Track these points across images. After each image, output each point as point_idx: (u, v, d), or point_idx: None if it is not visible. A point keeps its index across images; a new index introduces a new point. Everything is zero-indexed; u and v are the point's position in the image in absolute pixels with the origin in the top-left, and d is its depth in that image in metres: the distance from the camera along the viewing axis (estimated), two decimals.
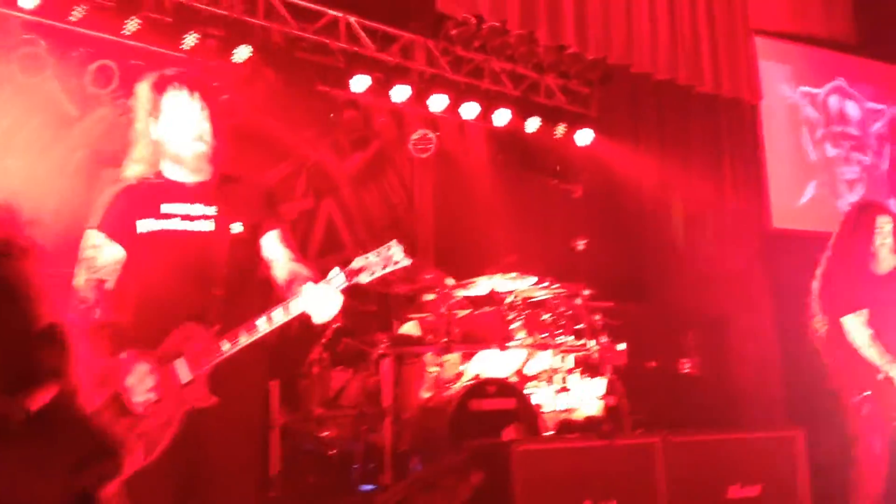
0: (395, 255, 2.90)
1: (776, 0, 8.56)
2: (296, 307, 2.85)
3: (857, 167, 8.62)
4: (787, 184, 8.10)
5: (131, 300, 2.96)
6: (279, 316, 2.86)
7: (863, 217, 4.60)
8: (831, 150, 8.49)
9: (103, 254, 2.96)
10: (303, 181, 7.53)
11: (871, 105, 8.90)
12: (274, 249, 3.08)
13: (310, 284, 2.85)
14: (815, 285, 4.67)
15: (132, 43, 6.33)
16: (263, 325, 2.86)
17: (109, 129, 6.53)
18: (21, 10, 5.89)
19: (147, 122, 3.03)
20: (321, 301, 2.84)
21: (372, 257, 2.89)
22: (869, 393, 4.38)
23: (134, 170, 3.06)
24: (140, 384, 2.77)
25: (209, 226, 2.97)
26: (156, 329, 2.87)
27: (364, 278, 2.91)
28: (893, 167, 8.90)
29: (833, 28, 8.89)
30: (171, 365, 2.83)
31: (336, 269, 2.89)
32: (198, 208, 2.99)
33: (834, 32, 8.87)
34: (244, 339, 2.85)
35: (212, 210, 2.99)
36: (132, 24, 6.23)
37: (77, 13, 6.05)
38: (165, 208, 2.97)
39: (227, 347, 2.84)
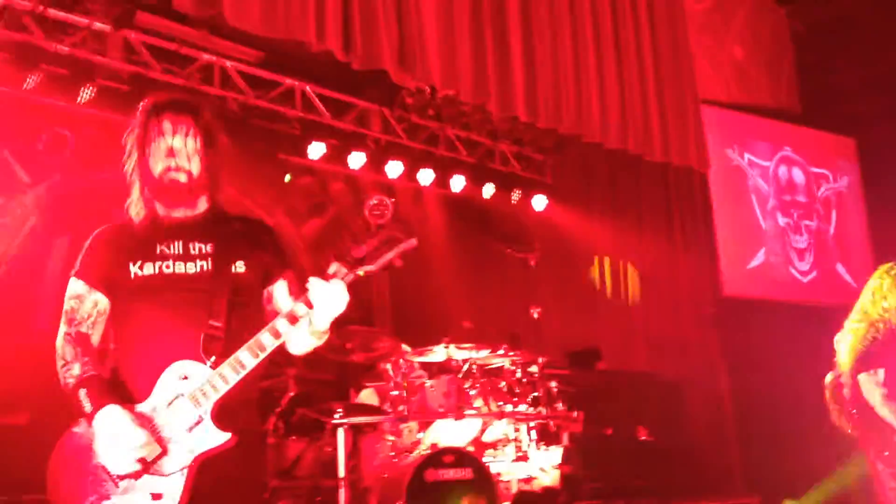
0: (397, 236, 2.72)
1: (723, 71, 8.80)
2: (303, 308, 2.60)
3: (807, 234, 8.80)
4: (736, 249, 8.24)
5: (118, 351, 2.73)
6: (283, 325, 2.62)
7: (876, 276, 4.59)
8: (781, 220, 8.67)
9: (85, 304, 2.73)
10: None
11: (816, 170, 9.13)
12: (282, 301, 2.81)
13: (315, 280, 2.61)
14: (842, 348, 4.62)
15: (87, 110, 6.32)
16: (270, 342, 2.62)
17: (62, 196, 6.47)
18: None
19: (134, 156, 2.80)
20: (328, 298, 2.60)
21: (373, 242, 2.68)
22: (888, 454, 4.31)
23: (133, 211, 2.83)
24: (123, 448, 2.49)
25: (206, 265, 2.74)
26: (147, 377, 2.62)
27: (369, 267, 2.71)
28: (839, 233, 9.10)
29: (778, 97, 9.15)
30: (167, 409, 2.58)
31: (335, 263, 2.66)
32: (193, 246, 2.77)
33: (779, 102, 9.13)
34: (250, 362, 2.61)
35: (208, 247, 2.77)
36: (86, 93, 6.22)
37: (31, 81, 6.03)
38: (160, 248, 2.75)
39: (232, 376, 2.59)
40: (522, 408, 6.18)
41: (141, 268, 2.72)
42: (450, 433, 6.01)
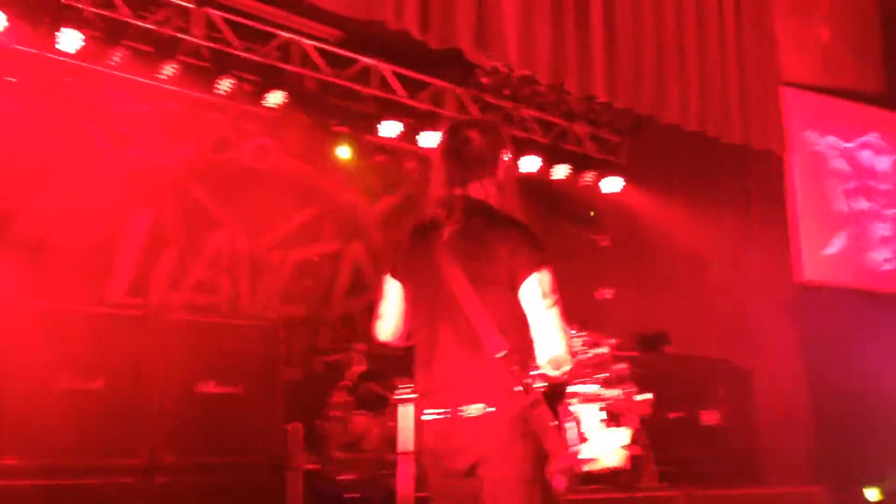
0: None
1: (807, 53, 8.58)
2: None
3: (889, 222, 8.55)
4: (813, 235, 8.05)
5: None
6: None
7: None
8: (862, 204, 8.44)
9: None
10: (331, 224, 7.61)
11: None
12: None
13: None
14: None
15: (169, 87, 6.49)
16: None
17: (143, 170, 6.68)
18: (62, 53, 6.06)
19: None
20: None
21: None
22: None
23: None
24: None
25: None
26: None
27: None
28: None
29: (864, 81, 8.88)
30: None
31: None
32: None
33: (865, 85, 8.86)
34: None
35: None
36: (169, 69, 6.38)
37: (116, 58, 6.21)
38: None
39: None
40: (589, 389, 6.17)
41: None
42: None
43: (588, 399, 6.16)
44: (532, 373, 2.79)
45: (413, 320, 3.04)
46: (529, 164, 8.09)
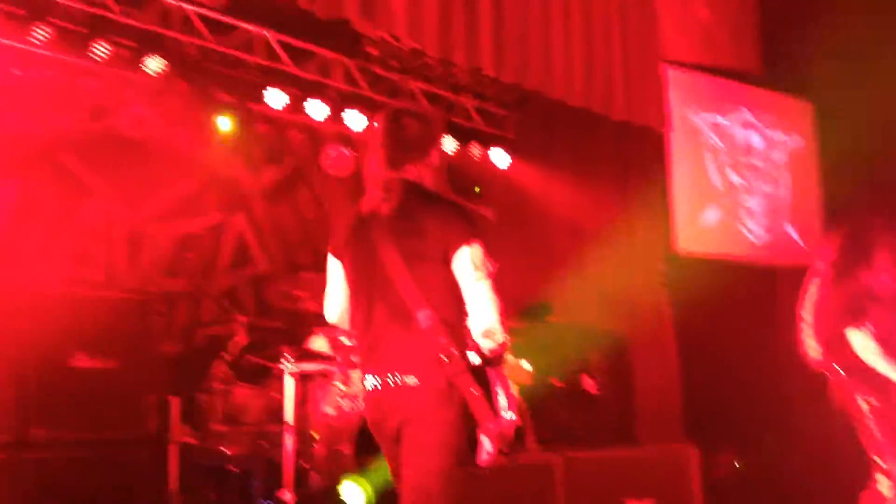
0: None
1: (688, 32, 8.81)
2: None
3: (760, 196, 8.91)
4: (690, 208, 8.33)
5: None
6: None
7: (858, 235, 4.60)
8: (735, 179, 8.76)
9: None
10: (213, 195, 7.47)
11: (774, 135, 9.21)
12: None
13: None
14: (807, 313, 4.63)
15: (42, 52, 6.24)
16: None
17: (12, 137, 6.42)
18: None
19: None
20: None
21: None
22: (875, 402, 4.34)
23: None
24: None
25: None
26: None
27: None
28: (792, 195, 9.22)
29: (741, 60, 9.19)
30: None
31: None
32: None
33: (741, 64, 9.17)
34: None
35: None
36: (41, 33, 6.13)
37: None
38: None
39: None
40: (474, 357, 6.26)
41: None
42: None
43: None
44: (466, 343, 3.03)
45: (352, 298, 3.24)
46: None
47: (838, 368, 4.36)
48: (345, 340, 5.85)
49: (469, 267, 3.03)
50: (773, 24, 9.27)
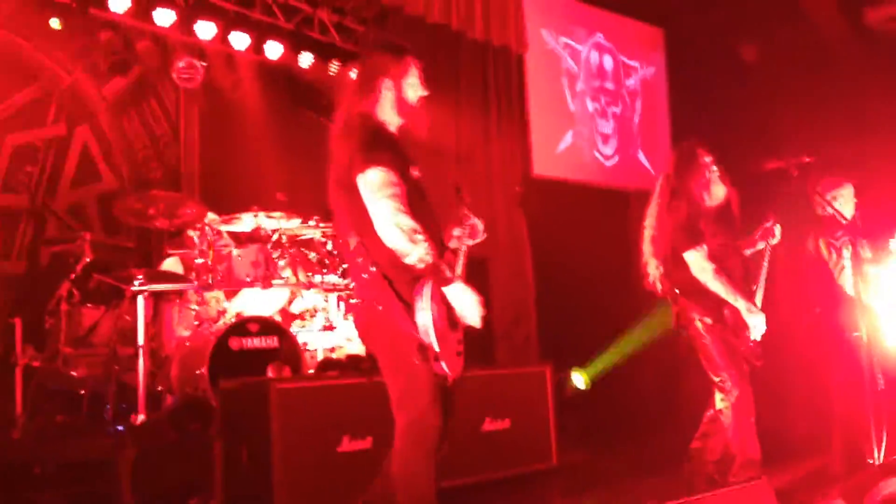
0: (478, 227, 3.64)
1: None
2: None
3: (612, 121, 9.13)
4: (547, 132, 8.45)
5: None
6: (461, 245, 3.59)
7: (690, 156, 4.64)
8: (590, 104, 8.93)
9: (402, 193, 3.24)
10: (54, 106, 7.01)
11: (625, 58, 9.42)
12: None
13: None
14: (648, 232, 4.73)
15: None
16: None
17: None
18: None
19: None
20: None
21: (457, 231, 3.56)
22: (710, 321, 4.49)
23: (389, 120, 3.44)
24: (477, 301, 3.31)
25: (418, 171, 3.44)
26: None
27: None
28: (643, 121, 9.50)
29: None
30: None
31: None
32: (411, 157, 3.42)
33: None
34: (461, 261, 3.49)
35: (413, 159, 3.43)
36: None
37: None
38: (410, 157, 3.41)
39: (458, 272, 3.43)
40: (331, 279, 6.22)
41: (415, 170, 3.39)
42: (256, 303, 5.98)
43: (329, 289, 6.22)
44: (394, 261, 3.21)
45: None
46: (272, 50, 7.85)
47: (677, 291, 4.54)
48: (199, 260, 5.68)
49: (365, 191, 3.22)
50: None
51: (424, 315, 3.18)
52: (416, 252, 3.18)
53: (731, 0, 9.12)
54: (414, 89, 3.52)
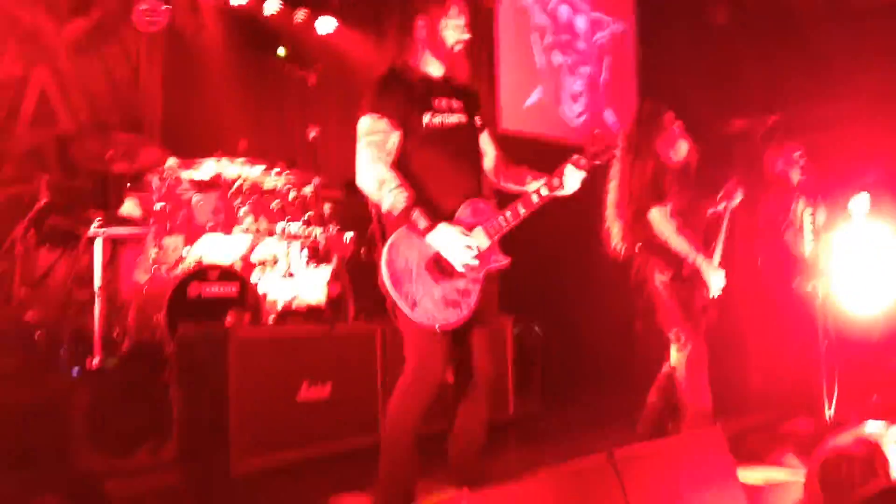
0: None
1: None
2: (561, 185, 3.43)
3: (581, 78, 9.09)
4: (515, 87, 8.40)
5: (421, 183, 3.27)
6: (544, 192, 3.41)
7: (655, 113, 4.67)
8: (557, 58, 8.87)
9: (391, 139, 3.26)
10: (12, 46, 6.83)
11: (596, 14, 9.36)
12: (487, 144, 3.64)
13: (569, 167, 3.43)
14: (611, 195, 4.73)
15: None
16: (536, 199, 3.39)
17: None
18: None
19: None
20: (576, 180, 3.45)
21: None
22: (668, 277, 4.52)
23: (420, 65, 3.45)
24: (466, 250, 3.22)
25: (462, 118, 3.42)
26: (445, 207, 3.28)
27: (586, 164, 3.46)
28: (611, 78, 9.47)
29: None
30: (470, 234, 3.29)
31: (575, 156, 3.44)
32: (453, 102, 3.40)
33: None
34: (522, 211, 3.37)
35: (459, 104, 3.43)
36: None
37: None
38: (436, 103, 3.36)
39: (510, 216, 3.36)
40: (293, 227, 6.18)
41: (432, 118, 3.33)
42: (217, 250, 5.93)
43: (291, 237, 6.18)
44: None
45: None
46: None
47: (638, 247, 4.58)
48: (158, 205, 5.60)
49: (358, 134, 3.30)
50: None
51: (381, 263, 3.23)
52: (386, 201, 3.20)
53: None
54: (455, 31, 3.43)
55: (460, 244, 3.23)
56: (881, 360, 5.91)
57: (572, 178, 3.44)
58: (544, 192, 3.40)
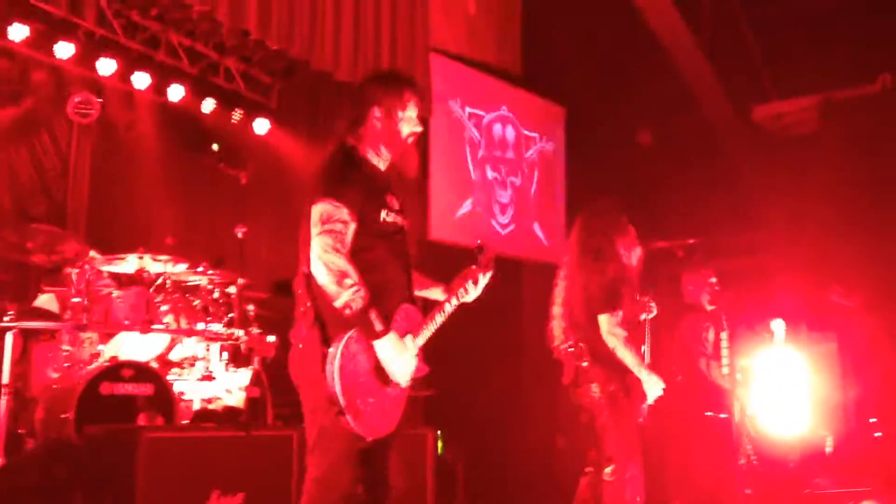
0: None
1: (455, 23, 9.00)
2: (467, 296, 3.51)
3: (511, 190, 9.28)
4: (447, 197, 8.51)
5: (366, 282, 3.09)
6: (455, 301, 3.46)
7: (617, 214, 4.58)
8: (490, 173, 9.06)
9: (348, 231, 3.11)
10: None
11: (527, 132, 9.62)
12: None
13: (472, 277, 3.56)
14: (559, 293, 4.59)
15: None
16: (449, 308, 3.42)
17: None
18: None
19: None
20: (478, 288, 3.56)
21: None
22: (612, 389, 4.37)
23: (377, 161, 3.38)
24: (411, 361, 3.16)
25: (405, 219, 3.38)
26: (386, 311, 3.13)
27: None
28: (539, 192, 9.68)
29: (502, 58, 9.51)
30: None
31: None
32: (398, 201, 3.34)
33: (503, 62, 9.49)
34: (440, 320, 3.35)
35: (400, 203, 3.36)
36: None
37: None
38: (389, 199, 3.29)
39: (431, 326, 3.30)
40: (215, 327, 6.07)
41: (386, 215, 3.25)
42: (134, 348, 5.78)
43: (212, 338, 6.06)
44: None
45: None
46: (174, 92, 7.74)
47: (582, 345, 4.47)
48: (75, 300, 5.46)
49: (312, 223, 3.11)
50: (535, 30, 9.68)
51: (333, 366, 3.01)
52: (342, 296, 3.00)
53: (631, 88, 9.50)
54: (409, 124, 3.38)
55: (408, 356, 3.14)
56: (798, 485, 5.98)
57: (476, 287, 3.54)
58: (454, 301, 3.46)
